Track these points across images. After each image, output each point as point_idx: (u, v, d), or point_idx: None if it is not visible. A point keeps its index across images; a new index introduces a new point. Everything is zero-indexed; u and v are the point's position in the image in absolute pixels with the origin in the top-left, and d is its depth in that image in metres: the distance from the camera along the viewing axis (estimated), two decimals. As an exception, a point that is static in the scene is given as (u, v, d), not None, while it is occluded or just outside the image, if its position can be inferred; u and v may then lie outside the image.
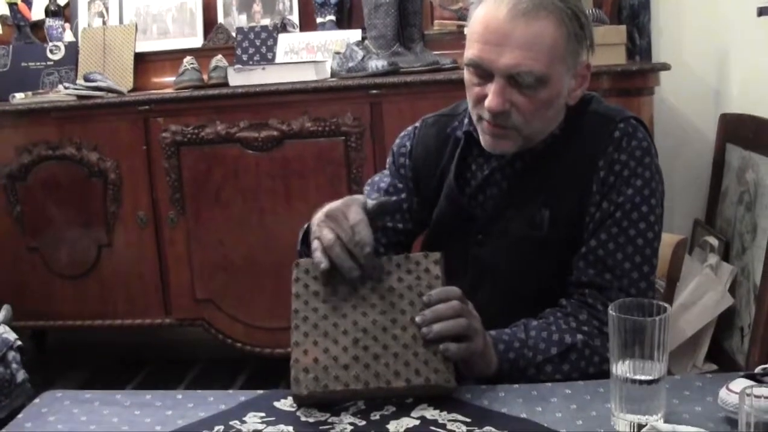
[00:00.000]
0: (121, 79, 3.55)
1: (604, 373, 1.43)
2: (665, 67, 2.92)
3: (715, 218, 3.19)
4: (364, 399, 1.33)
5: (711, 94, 3.35)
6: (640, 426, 1.15)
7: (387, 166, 1.82)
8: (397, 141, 1.80)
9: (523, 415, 1.25)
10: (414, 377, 1.31)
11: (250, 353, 3.34)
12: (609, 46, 2.84)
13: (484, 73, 1.50)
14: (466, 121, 1.67)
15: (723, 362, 2.92)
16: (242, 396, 1.38)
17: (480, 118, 1.55)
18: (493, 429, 1.21)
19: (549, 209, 1.56)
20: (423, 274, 1.42)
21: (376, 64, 3.09)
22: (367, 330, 1.36)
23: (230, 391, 1.43)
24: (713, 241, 3.05)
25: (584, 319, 1.51)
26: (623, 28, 3.03)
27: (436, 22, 3.50)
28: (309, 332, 1.36)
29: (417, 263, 1.44)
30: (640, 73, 2.89)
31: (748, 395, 0.92)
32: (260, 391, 1.39)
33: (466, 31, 1.58)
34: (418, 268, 1.43)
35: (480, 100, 1.52)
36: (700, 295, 2.86)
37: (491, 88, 1.49)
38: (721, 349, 2.95)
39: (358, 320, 1.37)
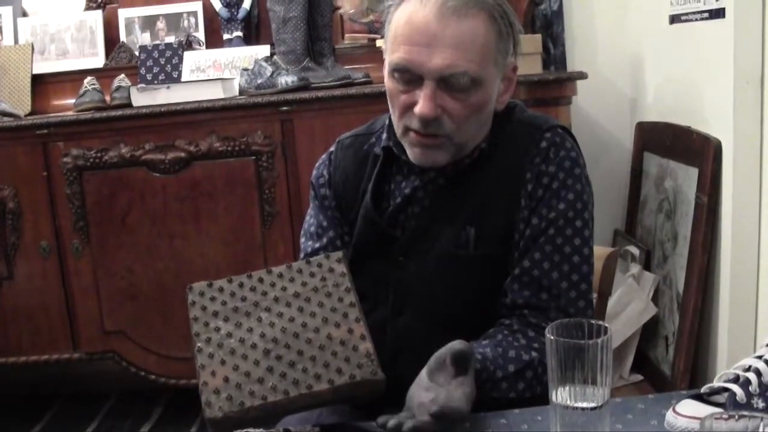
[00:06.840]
0: (18, 102, 3.39)
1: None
2: (582, 75, 2.89)
3: (635, 227, 3.16)
4: (288, 412, 1.22)
5: (626, 103, 3.35)
6: (584, 458, 1.06)
7: (310, 200, 1.70)
8: (314, 172, 1.68)
9: (457, 450, 1.15)
10: (337, 377, 1.20)
11: (165, 385, 3.20)
12: (525, 55, 2.78)
13: (413, 78, 1.40)
14: (384, 136, 1.58)
15: (649, 372, 2.89)
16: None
17: (407, 130, 1.45)
18: (426, 468, 1.11)
19: (474, 227, 1.47)
20: (328, 274, 1.34)
21: (286, 79, 3.00)
22: (278, 339, 1.25)
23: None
24: (634, 250, 3.03)
25: (533, 336, 1.42)
26: (539, 37, 3.00)
27: (346, 36, 3.43)
28: (214, 353, 1.25)
29: (319, 265, 1.36)
30: (557, 82, 2.85)
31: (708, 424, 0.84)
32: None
33: (382, 41, 1.48)
34: (321, 269, 1.35)
35: (407, 108, 1.43)
36: (624, 306, 2.83)
37: (421, 94, 1.39)
38: (647, 359, 2.92)
39: (265, 332, 1.26)
